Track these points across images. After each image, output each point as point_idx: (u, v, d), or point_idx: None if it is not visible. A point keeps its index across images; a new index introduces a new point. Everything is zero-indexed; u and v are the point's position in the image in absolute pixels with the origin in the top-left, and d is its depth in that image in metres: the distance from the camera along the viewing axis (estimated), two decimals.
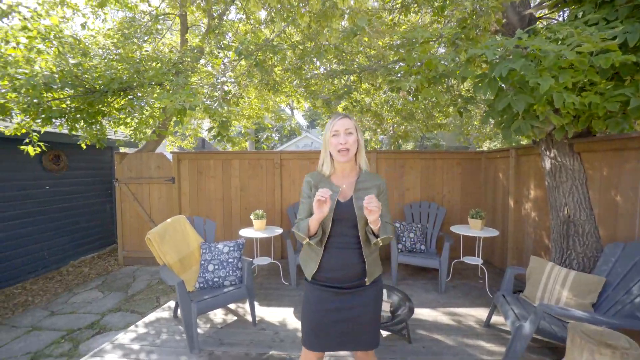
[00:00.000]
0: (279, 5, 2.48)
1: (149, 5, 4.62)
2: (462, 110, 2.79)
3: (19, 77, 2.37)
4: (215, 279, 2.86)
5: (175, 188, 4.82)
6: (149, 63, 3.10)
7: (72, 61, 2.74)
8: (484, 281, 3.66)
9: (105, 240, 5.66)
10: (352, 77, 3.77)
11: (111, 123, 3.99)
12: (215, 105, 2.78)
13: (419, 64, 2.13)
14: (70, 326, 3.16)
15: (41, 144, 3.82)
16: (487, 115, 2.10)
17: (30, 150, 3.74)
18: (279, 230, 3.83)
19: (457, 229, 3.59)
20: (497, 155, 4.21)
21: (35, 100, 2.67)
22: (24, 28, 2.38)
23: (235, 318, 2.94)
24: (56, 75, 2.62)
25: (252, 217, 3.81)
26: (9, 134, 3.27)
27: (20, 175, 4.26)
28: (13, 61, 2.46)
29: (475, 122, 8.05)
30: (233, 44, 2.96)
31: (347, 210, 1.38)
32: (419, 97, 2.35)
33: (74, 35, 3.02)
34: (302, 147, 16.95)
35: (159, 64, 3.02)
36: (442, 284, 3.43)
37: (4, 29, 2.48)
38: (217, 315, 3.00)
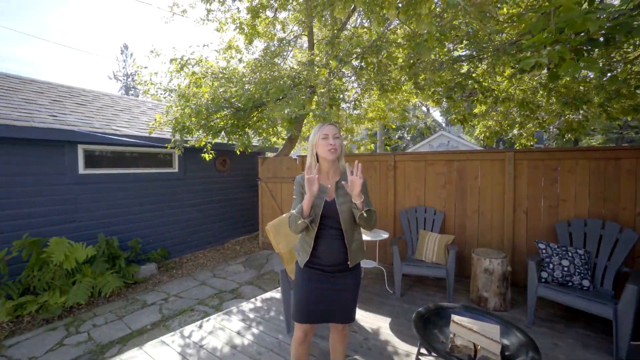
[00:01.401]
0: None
1: (283, 30, 5.46)
2: None
3: (192, 106, 3.40)
4: None
5: None
6: (275, 82, 3.71)
7: (220, 90, 3.65)
8: None
9: (252, 226, 7.13)
10: (463, 66, 3.14)
11: (255, 133, 4.98)
12: (323, 112, 2.99)
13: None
14: (221, 287, 4.20)
15: (212, 152, 5.24)
16: None
17: (207, 156, 5.21)
18: (385, 235, 3.68)
19: None
20: None
21: (202, 122, 3.72)
22: (193, 73, 3.44)
23: None
24: (210, 102, 3.57)
25: None
26: (190, 145, 4.67)
27: (202, 174, 6.00)
28: (190, 96, 3.57)
29: None
30: (341, 52, 3.09)
31: (332, 208, 1.64)
32: (560, 74, 1.69)
33: (221, 70, 4.01)
34: (436, 146, 15.51)
35: (280, 82, 3.55)
36: (620, 345, 2.33)
37: (185, 73, 3.66)
38: None
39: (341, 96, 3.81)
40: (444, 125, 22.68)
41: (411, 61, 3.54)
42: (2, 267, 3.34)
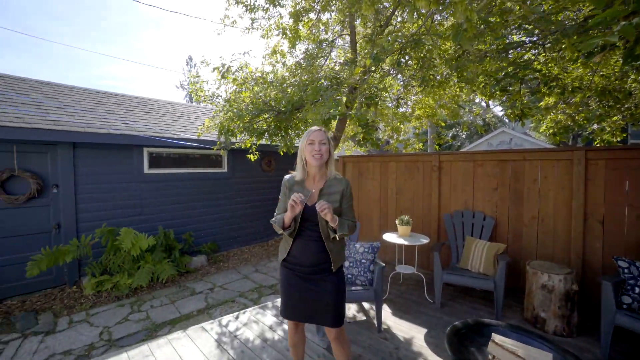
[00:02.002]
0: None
1: (326, 32, 5.49)
2: None
3: (234, 111, 3.63)
4: (349, 276, 3.02)
5: None
6: (313, 84, 3.75)
7: (260, 94, 3.83)
8: None
9: None
10: (522, 53, 2.72)
11: (296, 135, 5.11)
12: (358, 112, 2.93)
13: None
14: (261, 282, 4.40)
15: (257, 153, 5.50)
16: None
17: (252, 157, 5.49)
18: (424, 240, 3.46)
19: None
20: None
21: (245, 125, 3.94)
22: (234, 80, 3.67)
23: (364, 318, 2.98)
24: (249, 106, 3.75)
25: (397, 222, 3.68)
26: (237, 146, 4.97)
27: (249, 174, 6.36)
28: (232, 100, 3.82)
29: None
30: (376, 50, 2.98)
31: (312, 212, 1.63)
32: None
33: (261, 75, 4.19)
34: (496, 145, 14.06)
35: (318, 83, 3.58)
36: None
37: (230, 80, 3.92)
38: (350, 310, 3.16)
39: (381, 94, 3.68)
40: (507, 121, 20.43)
41: (456, 54, 3.27)
42: (88, 250, 3.98)
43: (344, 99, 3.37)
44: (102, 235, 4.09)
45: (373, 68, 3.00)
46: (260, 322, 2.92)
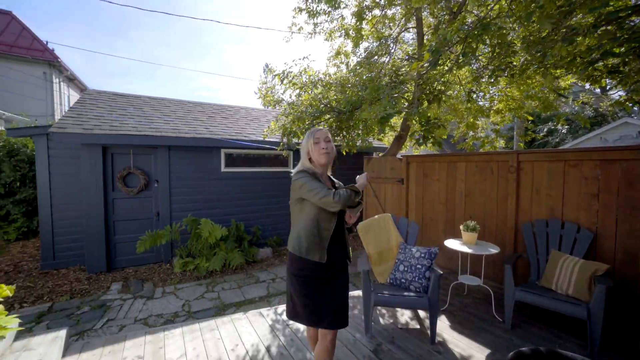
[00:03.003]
0: None
1: (392, 26, 5.31)
2: None
3: (295, 113, 3.85)
4: (402, 280, 2.90)
5: (403, 188, 5.24)
6: (372, 82, 3.69)
7: (319, 96, 3.95)
8: None
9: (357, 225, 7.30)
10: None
11: (356, 135, 5.10)
12: (415, 109, 2.79)
13: None
14: None
15: None
16: None
17: None
18: (493, 250, 3.06)
19: None
20: None
21: (306, 126, 4.13)
22: (293, 84, 3.87)
23: (417, 326, 2.82)
24: (309, 108, 3.91)
25: (461, 228, 3.35)
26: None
27: None
28: (292, 104, 4.04)
29: None
30: (434, 42, 2.73)
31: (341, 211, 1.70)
32: None
33: (320, 77, 4.29)
34: (614, 140, 11.32)
35: (377, 82, 3.50)
36: None
37: (294, 84, 4.16)
38: (404, 315, 3.02)
39: (449, 88, 3.38)
40: (636, 109, 16.14)
41: (539, 36, 2.78)
42: (177, 236, 4.78)
43: (405, 95, 3.20)
44: (187, 223, 4.84)
45: (440, 61, 2.77)
46: None
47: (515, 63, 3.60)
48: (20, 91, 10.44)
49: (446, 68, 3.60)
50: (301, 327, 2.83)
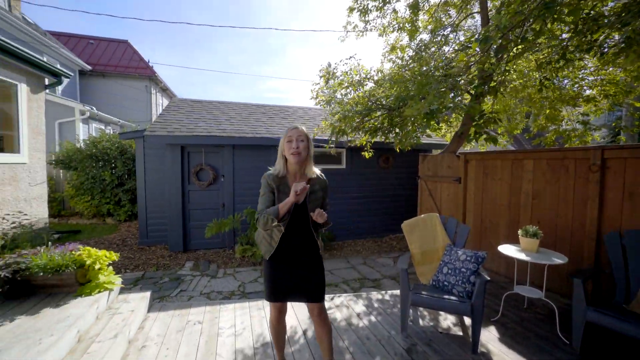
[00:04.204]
0: None
1: (456, 11, 4.96)
2: None
3: (343, 112, 3.94)
4: (445, 283, 2.77)
5: (460, 188, 4.89)
6: (422, 76, 3.54)
7: (366, 93, 3.95)
8: None
9: None
10: None
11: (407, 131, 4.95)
12: (464, 102, 2.62)
13: None
14: (366, 274, 4.59)
15: (372, 150, 5.67)
16: None
17: (366, 154, 5.71)
18: (558, 260, 2.67)
19: None
20: None
21: (354, 125, 4.19)
22: (340, 83, 3.95)
23: (460, 333, 2.66)
24: (354, 106, 3.95)
25: (519, 232, 3.01)
26: (352, 145, 5.30)
27: (366, 170, 6.59)
28: (339, 102, 4.13)
29: None
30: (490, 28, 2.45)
31: (302, 211, 1.78)
32: None
33: (373, 73, 4.25)
34: None
35: (427, 76, 3.34)
36: None
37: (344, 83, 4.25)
38: (447, 320, 2.88)
39: (502, 79, 3.04)
40: None
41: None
42: (238, 225, 5.36)
43: (456, 88, 2.99)
44: (247, 214, 5.38)
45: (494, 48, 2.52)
46: (351, 307, 3.13)
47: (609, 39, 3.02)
48: (128, 102, 12.88)
49: (506, 56, 3.24)
50: (338, 315, 2.95)
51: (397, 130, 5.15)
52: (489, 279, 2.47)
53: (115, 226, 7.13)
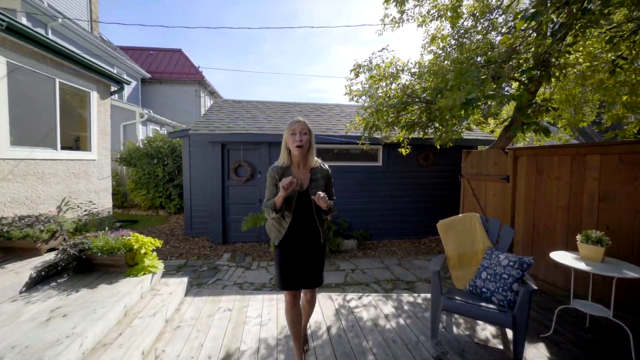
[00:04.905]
0: None
1: None
2: None
3: (375, 107, 3.81)
4: (483, 289, 2.53)
5: (508, 187, 4.43)
6: (461, 64, 3.26)
7: (400, 86, 3.75)
8: None
9: None
10: None
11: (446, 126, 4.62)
12: (498, 91, 2.36)
13: None
14: (399, 276, 4.39)
15: (409, 147, 5.42)
16: None
17: (403, 151, 5.48)
18: (631, 273, 2.26)
19: None
20: None
21: (389, 120, 4.03)
22: (371, 77, 3.79)
23: (500, 347, 2.40)
24: (391, 100, 3.77)
25: (578, 238, 2.61)
26: (388, 141, 5.11)
27: (404, 168, 6.32)
28: (371, 96, 3.98)
29: None
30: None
31: (305, 198, 1.91)
32: None
33: (410, 65, 4.02)
34: None
35: (467, 63, 3.07)
36: None
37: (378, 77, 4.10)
38: (485, 330, 2.62)
39: (558, 63, 2.64)
40: None
41: None
42: None
43: (499, 74, 2.67)
44: None
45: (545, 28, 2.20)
46: (379, 308, 3.01)
47: None
48: (180, 105, 14.05)
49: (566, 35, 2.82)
50: (365, 315, 2.86)
51: (437, 124, 4.85)
52: (535, 288, 2.19)
53: (166, 218, 7.83)
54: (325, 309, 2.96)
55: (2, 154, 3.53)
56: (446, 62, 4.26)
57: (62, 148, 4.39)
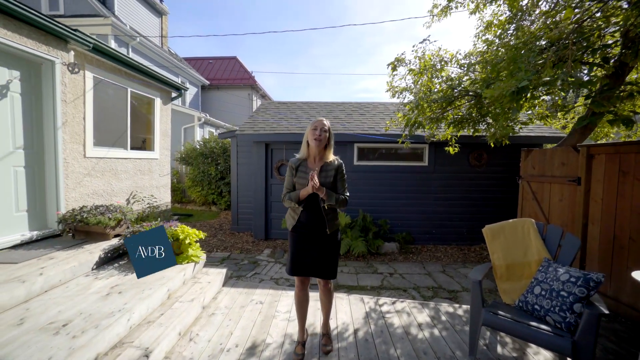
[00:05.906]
0: None
1: None
2: None
3: (415, 102, 3.57)
4: (536, 307, 2.20)
5: (580, 191, 3.81)
6: (517, 50, 2.86)
7: (443, 78, 3.44)
8: None
9: None
10: None
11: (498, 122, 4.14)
12: (566, 75, 2.02)
13: None
14: (441, 284, 4.07)
15: (457, 145, 5.01)
16: None
17: (451, 149, 5.08)
18: None
19: None
20: None
21: (432, 116, 3.77)
22: (411, 70, 3.53)
23: None
24: (434, 95, 3.49)
25: None
26: (434, 139, 4.78)
27: (453, 168, 5.85)
28: (411, 90, 3.73)
29: None
30: None
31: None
32: None
33: (459, 57, 3.67)
34: None
35: (523, 49, 2.68)
36: None
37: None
38: (539, 355, 2.27)
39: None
40: None
41: None
42: None
43: (560, 57, 2.24)
44: None
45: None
46: (412, 315, 2.82)
47: None
48: (234, 108, 15.08)
49: None
50: (396, 321, 2.70)
51: (490, 120, 4.39)
52: (606, 312, 1.83)
53: (217, 213, 8.46)
54: (354, 311, 2.88)
55: (88, 153, 4.19)
56: (502, 50, 3.82)
57: (131, 148, 5.04)
